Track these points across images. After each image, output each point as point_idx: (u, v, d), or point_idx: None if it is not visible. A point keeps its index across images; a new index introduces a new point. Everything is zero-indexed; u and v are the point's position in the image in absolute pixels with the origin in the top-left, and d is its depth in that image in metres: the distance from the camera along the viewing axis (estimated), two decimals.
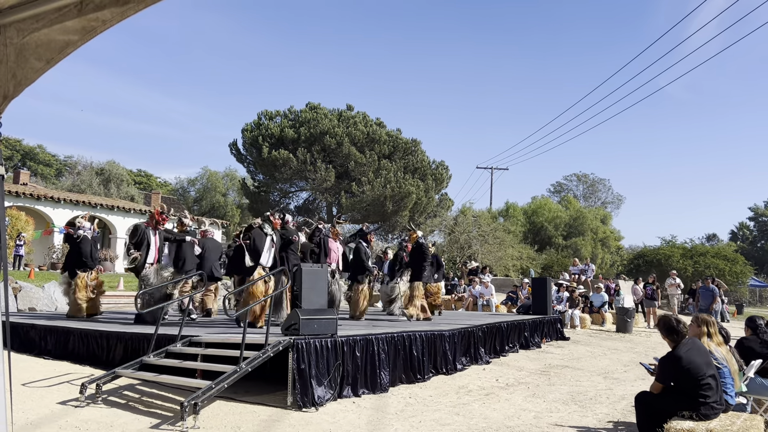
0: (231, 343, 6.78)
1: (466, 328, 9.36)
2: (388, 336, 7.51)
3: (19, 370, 7.00)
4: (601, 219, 45.83)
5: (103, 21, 2.18)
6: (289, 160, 30.87)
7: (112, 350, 7.82)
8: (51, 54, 2.26)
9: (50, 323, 8.97)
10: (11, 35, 2.24)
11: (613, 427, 5.96)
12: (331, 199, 33.34)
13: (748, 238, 61.97)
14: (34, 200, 24.85)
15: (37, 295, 13.32)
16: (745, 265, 31.55)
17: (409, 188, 31.18)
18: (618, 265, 41.70)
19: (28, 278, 16.30)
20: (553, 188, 60.18)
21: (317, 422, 5.70)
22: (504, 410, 6.59)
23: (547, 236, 41.16)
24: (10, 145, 47.18)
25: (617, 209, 58.41)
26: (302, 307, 7.17)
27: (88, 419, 5.50)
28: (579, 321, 15.94)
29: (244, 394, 6.53)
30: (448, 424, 5.89)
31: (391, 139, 33.32)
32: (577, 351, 11.86)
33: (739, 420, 4.60)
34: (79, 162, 49.01)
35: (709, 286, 18.01)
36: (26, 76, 2.30)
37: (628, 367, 10.05)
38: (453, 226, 31.51)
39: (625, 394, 7.43)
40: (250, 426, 5.51)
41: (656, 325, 5.09)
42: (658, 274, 25.03)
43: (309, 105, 34.21)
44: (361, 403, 6.52)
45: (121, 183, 43.75)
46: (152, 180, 55.94)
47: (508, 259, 30.53)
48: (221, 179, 51.80)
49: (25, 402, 5.88)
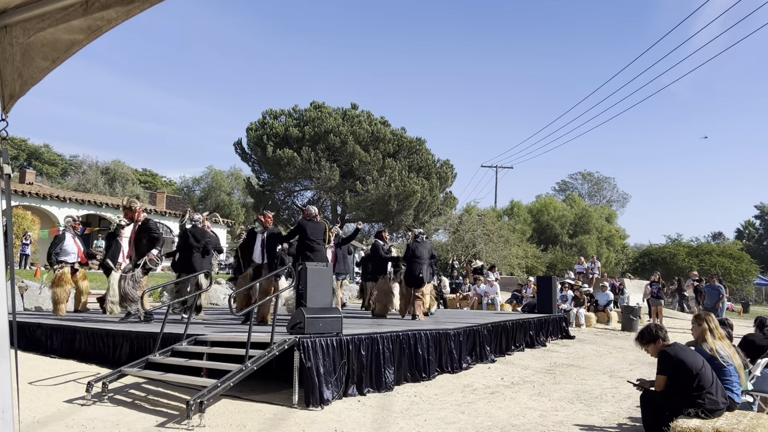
0: (236, 342, 6.79)
1: (471, 326, 9.35)
2: (394, 334, 7.51)
3: (25, 368, 7.03)
4: (606, 217, 45.79)
5: (109, 20, 2.18)
6: (293, 159, 30.88)
7: (118, 349, 7.85)
8: (57, 53, 2.26)
9: (56, 322, 9.01)
10: (17, 35, 2.25)
11: (618, 426, 5.94)
12: (335, 198, 33.33)
13: (754, 237, 61.74)
14: (40, 199, 24.96)
15: (43, 295, 13.36)
16: (751, 263, 31.44)
17: (414, 187, 31.14)
18: (623, 263, 41.61)
19: (34, 277, 16.36)
20: (558, 187, 60.19)
21: (322, 421, 5.70)
22: (509, 409, 6.58)
23: (553, 235, 41.12)
24: (16, 145, 47.38)
25: (622, 208, 58.43)
26: (307, 305, 7.17)
27: (95, 417, 5.52)
28: (584, 320, 15.91)
29: (249, 393, 6.54)
30: (453, 422, 5.89)
31: (395, 138, 33.27)
32: (582, 350, 11.83)
33: (746, 418, 4.59)
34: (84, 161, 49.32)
35: (715, 284, 17.93)
36: (32, 76, 2.30)
37: (634, 365, 10.03)
38: (458, 225, 31.49)
39: (630, 393, 7.41)
40: (255, 424, 5.52)
41: (636, 339, 5.18)
42: (663, 273, 24.97)
43: (313, 104, 34.20)
44: (367, 402, 6.52)
45: (126, 182, 43.94)
46: (157, 179, 56.16)
47: (512, 257, 30.49)
48: (226, 178, 51.88)
49: (32, 400, 5.91)
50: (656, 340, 4.95)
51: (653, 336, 4.97)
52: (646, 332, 5.05)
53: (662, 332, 4.98)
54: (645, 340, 5.04)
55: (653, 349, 4.97)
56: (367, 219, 31.49)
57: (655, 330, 5.00)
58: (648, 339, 5.01)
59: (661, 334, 4.96)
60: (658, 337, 4.94)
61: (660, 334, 4.96)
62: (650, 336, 4.99)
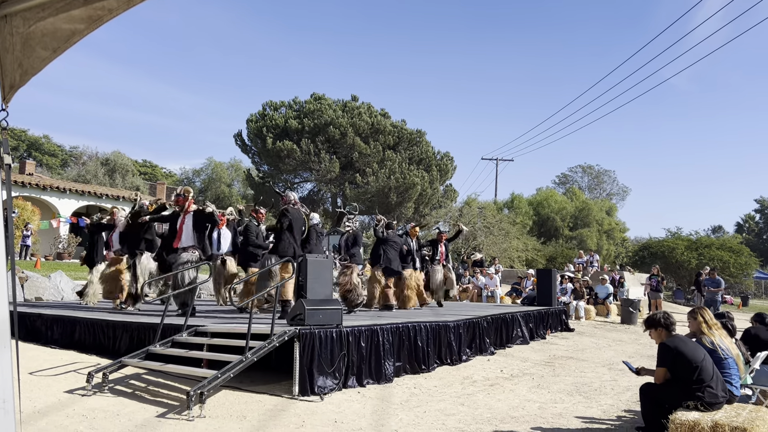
0: (237, 333, 6.80)
1: (471, 318, 9.37)
2: (393, 326, 7.52)
3: (26, 359, 7.05)
4: (606, 210, 45.79)
5: (109, 10, 2.17)
6: (293, 150, 30.84)
7: (118, 340, 7.86)
8: (57, 43, 2.25)
9: (57, 313, 9.02)
10: (17, 24, 2.24)
11: (617, 419, 5.96)
12: (335, 190, 33.33)
13: (753, 230, 61.75)
14: (40, 190, 24.93)
15: (44, 285, 13.38)
16: (750, 257, 31.45)
17: (414, 179, 31.12)
18: (623, 256, 41.66)
19: (35, 268, 16.38)
20: (558, 180, 60.12)
21: (322, 412, 5.72)
22: (509, 401, 6.60)
23: (554, 228, 41.14)
24: (16, 136, 47.30)
25: (622, 201, 58.38)
26: (307, 297, 7.18)
27: (95, 408, 5.54)
28: (584, 312, 15.94)
29: (249, 384, 6.56)
30: (452, 414, 5.91)
31: (395, 130, 33.21)
32: (581, 342, 11.86)
33: (745, 411, 4.60)
34: (84, 152, 49.21)
35: (715, 277, 17.95)
36: (32, 66, 2.29)
37: (633, 358, 10.04)
38: (458, 218, 31.47)
39: (629, 386, 7.43)
40: (255, 415, 5.54)
41: (644, 322, 5.26)
42: (662, 266, 24.98)
43: (313, 95, 34.11)
44: (366, 393, 6.54)
45: (126, 173, 43.87)
46: (157, 170, 56.05)
47: (512, 250, 30.50)
48: (226, 170, 51.83)
49: (33, 390, 5.92)
50: (658, 325, 4.98)
51: (657, 321, 5.01)
52: (653, 317, 5.10)
53: (669, 320, 4.99)
54: (649, 324, 5.09)
55: (656, 335, 5.00)
56: (367, 211, 31.45)
57: (664, 318, 5.02)
58: (653, 323, 5.05)
59: (666, 321, 4.97)
60: (662, 325, 4.97)
61: (666, 321, 4.97)
62: (655, 321, 5.04)
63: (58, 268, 16.27)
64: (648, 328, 5.13)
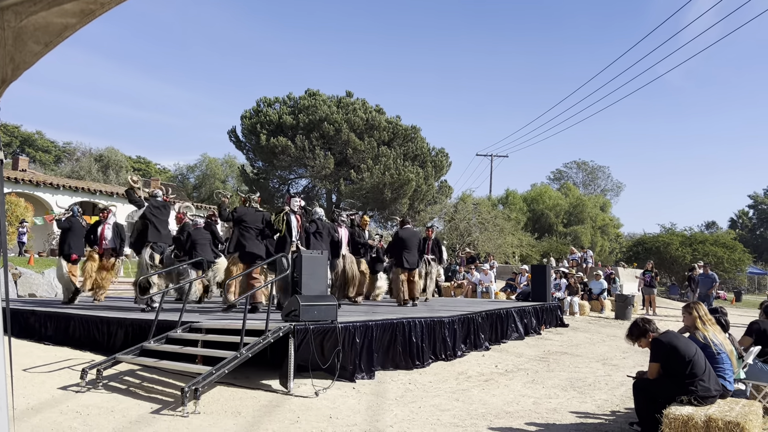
0: (231, 329, 6.80)
1: (465, 314, 9.38)
2: (388, 322, 7.53)
3: (19, 355, 7.02)
4: (600, 206, 45.87)
5: (102, 3, 2.15)
6: (287, 147, 30.75)
7: (112, 336, 7.84)
8: (49, 37, 2.23)
9: (50, 309, 8.98)
10: (9, 18, 2.21)
11: (611, 414, 5.99)
12: (330, 187, 33.24)
13: (747, 226, 61.98)
14: (33, 186, 24.82)
15: (37, 281, 13.35)
16: (744, 252, 31.62)
17: (409, 175, 31.09)
18: (617, 252, 41.78)
19: (28, 264, 16.31)
20: (552, 176, 60.17)
21: (317, 407, 5.72)
22: (503, 396, 6.62)
23: (548, 224, 41.19)
24: (9, 131, 47.05)
25: (617, 197, 58.48)
26: (302, 293, 7.18)
27: (89, 404, 5.52)
28: (578, 308, 16.00)
29: (244, 380, 6.56)
30: (447, 409, 5.92)
31: (390, 126, 33.15)
32: (576, 338, 11.90)
33: (738, 406, 4.63)
34: (78, 148, 48.95)
35: (708, 273, 18.04)
36: (24, 60, 2.27)
37: (627, 353, 10.09)
38: (453, 214, 31.48)
39: (623, 381, 7.46)
40: (250, 411, 5.54)
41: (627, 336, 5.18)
42: (656, 262, 25.07)
43: (308, 91, 33.99)
44: (361, 389, 6.55)
45: (120, 169, 43.67)
46: (151, 167, 55.85)
47: (507, 246, 30.53)
48: (220, 166, 51.64)
49: (26, 387, 5.90)
50: (645, 333, 4.97)
51: (641, 330, 4.99)
52: (634, 328, 5.06)
53: (650, 325, 4.99)
54: (634, 335, 5.06)
55: (645, 343, 4.99)
56: (362, 207, 31.41)
57: (643, 324, 5.01)
58: (637, 334, 5.03)
59: (649, 327, 4.97)
60: (647, 330, 4.96)
61: (648, 327, 4.97)
62: (638, 330, 5.02)
63: (51, 264, 16.20)
64: (636, 339, 5.04)
